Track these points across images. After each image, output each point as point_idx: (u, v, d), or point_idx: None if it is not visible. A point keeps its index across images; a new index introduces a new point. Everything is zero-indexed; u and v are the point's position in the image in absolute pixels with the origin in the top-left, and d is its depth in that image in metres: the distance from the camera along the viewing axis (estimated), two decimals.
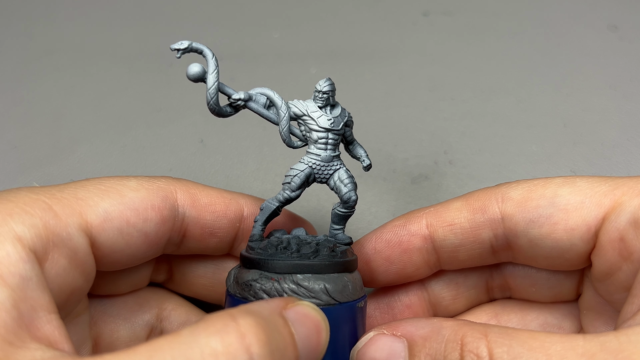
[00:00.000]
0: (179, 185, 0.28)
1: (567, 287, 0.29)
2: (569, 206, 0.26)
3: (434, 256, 0.30)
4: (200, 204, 0.29)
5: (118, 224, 0.25)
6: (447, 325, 0.24)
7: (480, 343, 0.22)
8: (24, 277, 0.21)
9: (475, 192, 0.29)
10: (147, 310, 0.30)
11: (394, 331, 0.25)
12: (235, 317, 0.20)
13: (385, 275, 0.30)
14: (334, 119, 0.28)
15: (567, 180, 0.27)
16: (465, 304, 0.32)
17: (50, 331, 0.21)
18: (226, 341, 0.19)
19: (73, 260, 0.24)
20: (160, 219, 0.27)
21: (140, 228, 0.26)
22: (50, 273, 0.22)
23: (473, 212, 0.28)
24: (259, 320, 0.20)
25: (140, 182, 0.27)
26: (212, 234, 0.29)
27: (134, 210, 0.26)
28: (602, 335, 0.21)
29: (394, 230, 0.30)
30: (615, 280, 0.26)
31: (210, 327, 0.19)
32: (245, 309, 0.21)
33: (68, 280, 0.23)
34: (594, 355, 0.20)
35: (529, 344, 0.21)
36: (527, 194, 0.27)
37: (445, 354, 0.23)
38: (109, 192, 0.26)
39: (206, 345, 0.19)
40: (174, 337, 0.19)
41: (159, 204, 0.27)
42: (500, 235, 0.28)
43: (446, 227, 0.29)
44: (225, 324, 0.19)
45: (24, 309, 0.20)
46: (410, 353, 0.24)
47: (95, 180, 0.26)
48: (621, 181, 0.26)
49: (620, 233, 0.25)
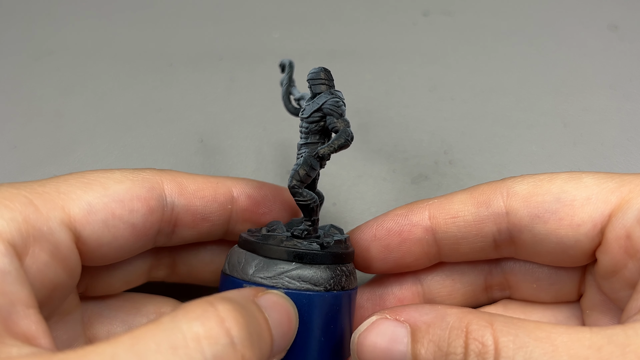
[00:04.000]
0: (165, 175, 0.28)
1: (568, 286, 0.29)
2: (575, 202, 0.26)
3: (435, 248, 0.29)
4: (188, 191, 0.28)
5: (103, 217, 0.25)
6: (451, 312, 0.23)
7: (485, 331, 0.22)
8: (2, 271, 0.21)
9: (480, 185, 0.29)
10: (144, 314, 0.30)
11: (396, 316, 0.25)
12: (214, 303, 0.21)
13: (383, 263, 0.30)
14: (306, 107, 0.28)
15: (573, 176, 0.27)
16: (461, 300, 0.31)
17: (28, 326, 0.21)
18: (207, 325, 0.20)
19: (55, 255, 0.23)
20: (147, 209, 0.26)
21: (127, 219, 0.26)
22: (31, 268, 0.22)
23: (477, 206, 0.28)
24: (236, 306, 0.21)
25: (124, 174, 0.27)
26: (204, 219, 0.29)
27: (118, 201, 0.25)
28: (609, 329, 0.21)
29: (396, 219, 0.29)
30: (620, 277, 0.25)
31: (191, 313, 0.20)
32: (221, 296, 0.22)
33: (50, 275, 0.23)
34: (601, 347, 0.20)
35: (536, 334, 0.21)
36: (532, 189, 0.27)
37: (450, 341, 0.22)
38: (92, 184, 0.25)
39: (188, 330, 0.19)
40: (156, 325, 0.19)
41: (145, 194, 0.26)
42: (503, 229, 0.28)
43: (449, 220, 0.28)
44: (204, 309, 0.20)
45: (2, 303, 0.20)
46: (413, 339, 0.24)
47: (78, 174, 0.26)
48: (628, 178, 0.26)
49: (627, 230, 0.24)
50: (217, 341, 0.20)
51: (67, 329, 0.27)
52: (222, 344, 0.20)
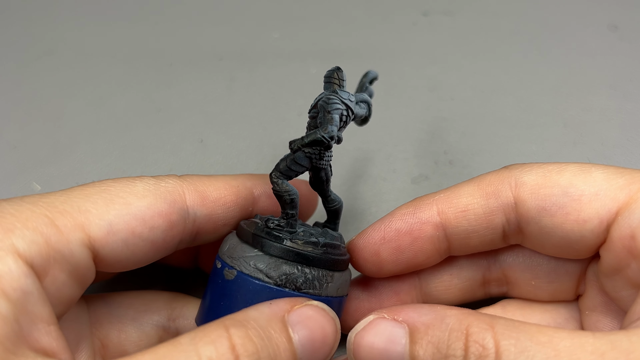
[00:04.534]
0: (186, 185, 0.27)
1: (566, 285, 0.29)
2: (583, 197, 0.25)
3: (445, 244, 0.28)
4: (210, 200, 0.28)
5: (123, 236, 0.25)
6: (451, 313, 0.23)
7: (486, 334, 0.21)
8: (25, 292, 0.21)
9: (486, 175, 0.28)
10: (155, 312, 0.30)
11: (394, 316, 0.24)
12: (229, 328, 0.22)
13: (395, 265, 0.29)
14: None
15: (582, 169, 0.26)
16: (458, 295, 0.31)
17: (49, 342, 0.22)
18: (220, 351, 0.21)
19: (73, 275, 0.24)
20: (168, 224, 0.26)
21: (147, 237, 0.25)
22: (51, 288, 0.23)
23: (486, 197, 0.27)
24: (251, 331, 0.22)
25: (146, 186, 0.26)
26: (225, 225, 0.29)
27: (140, 219, 0.25)
28: (612, 334, 0.21)
29: (404, 219, 0.28)
30: (622, 276, 0.25)
31: (206, 337, 0.21)
32: (242, 317, 0.23)
33: (67, 293, 0.24)
34: (604, 353, 0.20)
35: (537, 338, 0.21)
36: (541, 180, 0.26)
37: (449, 343, 0.22)
38: (114, 201, 0.25)
39: (203, 354, 0.21)
40: (175, 346, 0.21)
41: (167, 209, 0.26)
42: (512, 220, 0.27)
43: (459, 214, 0.28)
44: (219, 334, 0.22)
45: (24, 322, 0.21)
46: (411, 340, 0.23)
47: (100, 187, 0.25)
48: (638, 175, 0.25)
49: (632, 230, 0.24)
50: None
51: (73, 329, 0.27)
52: None
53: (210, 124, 0.43)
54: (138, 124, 0.44)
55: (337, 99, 0.27)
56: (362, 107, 0.29)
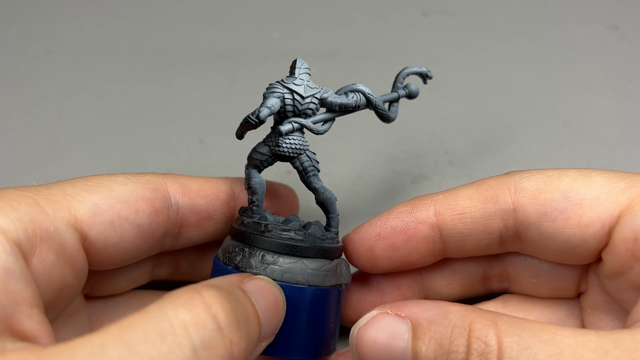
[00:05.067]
0: (167, 178, 0.28)
1: (567, 283, 0.29)
2: (584, 202, 0.25)
3: (440, 244, 0.29)
4: (191, 190, 0.29)
5: (109, 217, 0.25)
6: (454, 310, 0.23)
7: (489, 331, 0.21)
8: (6, 269, 0.21)
9: (486, 179, 0.28)
10: None
11: (397, 311, 0.24)
12: (199, 290, 0.21)
13: (389, 262, 0.29)
14: None
15: (582, 174, 0.26)
16: (459, 290, 0.31)
17: (30, 325, 0.21)
18: (193, 312, 0.20)
19: (62, 256, 0.23)
20: (153, 209, 0.27)
21: (133, 220, 0.26)
22: (38, 268, 0.22)
23: (484, 202, 0.27)
24: (222, 292, 0.21)
25: (127, 177, 0.27)
26: (209, 218, 0.29)
27: (124, 202, 0.26)
28: (616, 333, 0.21)
29: (400, 217, 0.28)
30: (625, 278, 0.25)
31: (177, 301, 0.20)
32: (207, 283, 0.22)
33: (57, 276, 0.23)
34: (608, 352, 0.20)
35: (540, 336, 0.21)
36: (541, 185, 0.26)
37: (452, 339, 0.22)
38: (97, 187, 0.25)
39: (175, 318, 0.20)
40: (143, 314, 0.20)
41: (150, 195, 0.27)
42: (510, 226, 0.27)
43: (456, 216, 0.28)
44: (190, 296, 0.21)
45: (5, 301, 0.20)
46: (414, 336, 0.23)
47: (82, 178, 0.26)
48: (639, 178, 0.25)
49: (635, 233, 0.24)
50: (204, 327, 0.20)
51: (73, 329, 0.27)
52: (210, 329, 0.20)
53: (210, 124, 0.43)
54: (138, 124, 0.44)
55: (278, 84, 0.28)
56: (352, 97, 0.29)
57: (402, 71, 0.31)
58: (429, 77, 0.32)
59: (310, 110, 0.28)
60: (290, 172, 0.40)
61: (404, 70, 0.31)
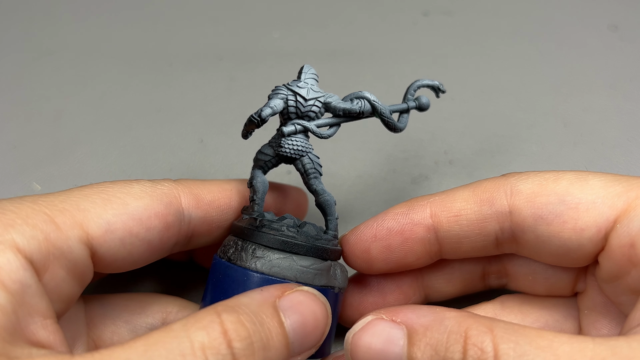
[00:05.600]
0: (182, 188, 0.28)
1: (564, 282, 0.29)
2: (580, 206, 0.25)
3: (436, 246, 0.29)
4: (204, 202, 0.29)
5: (120, 235, 0.25)
6: (450, 315, 0.23)
7: (485, 337, 0.21)
8: (23, 284, 0.21)
9: (482, 181, 0.28)
10: (149, 315, 0.30)
11: (393, 317, 0.24)
12: (221, 314, 0.22)
13: (385, 263, 0.29)
14: None
15: (579, 177, 0.26)
16: (459, 287, 0.31)
17: (45, 336, 0.22)
18: (211, 336, 0.21)
19: (72, 271, 0.24)
20: (164, 225, 0.27)
21: (143, 237, 0.26)
22: (49, 284, 0.23)
23: (480, 204, 0.27)
24: (243, 316, 0.22)
25: (143, 188, 0.27)
26: (219, 227, 0.29)
27: (137, 220, 0.26)
28: (612, 340, 0.21)
29: (396, 218, 0.28)
30: (622, 282, 0.25)
31: (199, 323, 0.21)
32: (234, 303, 0.23)
33: (66, 289, 0.24)
34: (604, 359, 0.20)
35: (537, 343, 0.21)
36: (537, 188, 0.26)
37: (448, 345, 0.22)
38: (112, 201, 0.25)
39: (195, 340, 0.21)
40: (168, 332, 0.21)
41: (163, 210, 0.27)
42: (506, 228, 0.27)
43: (451, 218, 0.28)
44: (211, 320, 0.22)
45: (22, 314, 0.21)
46: (410, 342, 0.23)
47: (99, 188, 0.26)
48: (636, 182, 0.25)
49: (631, 239, 0.24)
50: (219, 351, 0.21)
51: (70, 328, 0.27)
52: (223, 354, 0.21)
53: (210, 124, 0.43)
54: (138, 124, 0.44)
55: (283, 87, 0.29)
56: (356, 103, 0.29)
57: (414, 83, 0.31)
58: (442, 91, 0.32)
59: (313, 113, 0.29)
60: (290, 172, 0.40)
61: (415, 82, 0.31)
